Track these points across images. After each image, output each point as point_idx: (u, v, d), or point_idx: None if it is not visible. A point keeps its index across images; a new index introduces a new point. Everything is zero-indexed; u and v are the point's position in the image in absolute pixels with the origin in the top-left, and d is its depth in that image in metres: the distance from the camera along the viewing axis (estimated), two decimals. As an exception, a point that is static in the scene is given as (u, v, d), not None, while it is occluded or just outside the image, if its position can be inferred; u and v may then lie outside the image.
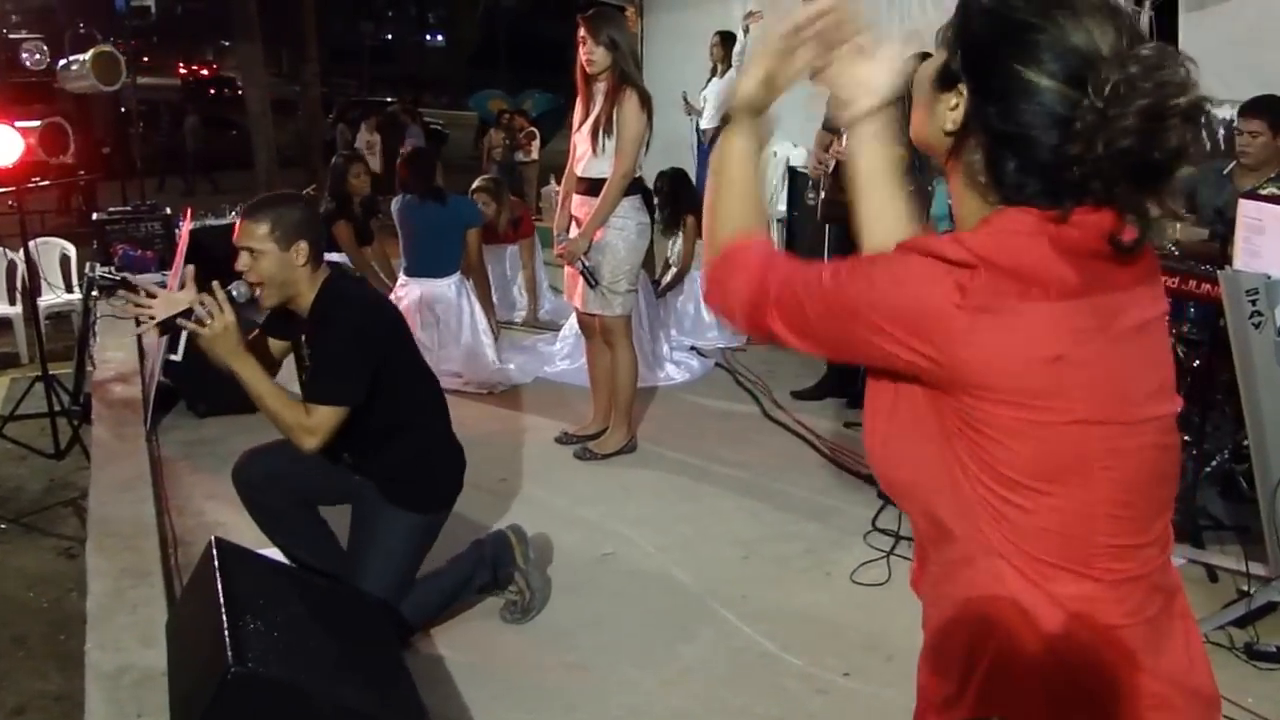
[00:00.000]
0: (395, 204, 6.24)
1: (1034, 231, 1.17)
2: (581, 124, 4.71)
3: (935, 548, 1.31)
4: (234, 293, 3.05)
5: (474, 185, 7.26)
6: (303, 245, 3.07)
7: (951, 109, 1.24)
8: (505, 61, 33.71)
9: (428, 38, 37.87)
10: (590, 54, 4.57)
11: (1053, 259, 1.16)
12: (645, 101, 4.56)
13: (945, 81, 1.25)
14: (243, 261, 3.10)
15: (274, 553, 3.68)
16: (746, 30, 8.31)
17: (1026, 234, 1.17)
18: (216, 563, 2.82)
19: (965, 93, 1.22)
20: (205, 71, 37.73)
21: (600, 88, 4.60)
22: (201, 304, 2.98)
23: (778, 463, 4.94)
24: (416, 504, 3.29)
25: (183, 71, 34.69)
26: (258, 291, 3.12)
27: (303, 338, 3.25)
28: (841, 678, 3.24)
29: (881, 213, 1.44)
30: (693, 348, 6.54)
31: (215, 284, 2.99)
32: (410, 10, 38.99)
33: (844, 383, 5.74)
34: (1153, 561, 1.26)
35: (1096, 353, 1.17)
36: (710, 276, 1.42)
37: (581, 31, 4.58)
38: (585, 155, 4.69)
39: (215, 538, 3.00)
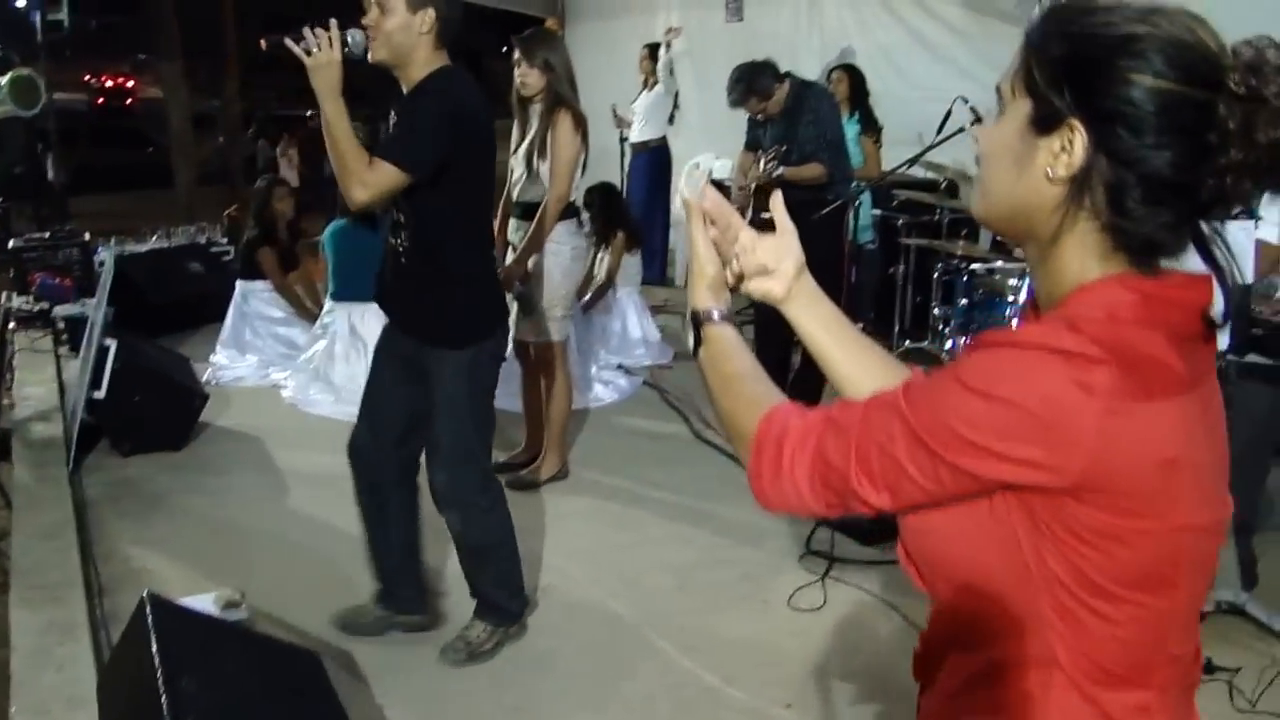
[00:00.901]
0: (326, 231, 6.19)
1: (1144, 320, 1.07)
2: (517, 147, 4.70)
3: (961, 651, 1.22)
4: (350, 39, 2.99)
5: None
6: (430, 13, 3.04)
7: (1059, 152, 1.11)
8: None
9: (345, 49, 37.41)
10: (524, 76, 4.56)
11: (1167, 350, 1.06)
12: (580, 124, 4.54)
13: (1045, 124, 1.11)
14: (370, 15, 3.04)
15: (207, 602, 3.63)
16: (668, 46, 8.36)
17: (1138, 322, 1.07)
18: (150, 620, 2.77)
19: (1079, 127, 1.09)
20: (110, 83, 36.97)
21: (536, 110, 4.59)
22: (314, 33, 2.94)
23: (709, 485, 4.96)
24: (456, 339, 3.27)
25: (93, 84, 33.90)
26: (372, 45, 3.05)
27: (393, 112, 3.22)
28: (784, 710, 3.27)
29: (863, 360, 1.39)
30: (620, 366, 6.55)
31: (334, 20, 2.95)
32: (327, 19, 38.51)
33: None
34: (1196, 666, 1.23)
35: (1200, 452, 1.10)
36: (755, 474, 1.21)
37: (516, 54, 4.57)
38: (521, 179, 4.68)
39: (148, 593, 2.95)
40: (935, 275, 5.21)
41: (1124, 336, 1.05)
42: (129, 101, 35.76)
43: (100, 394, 4.78)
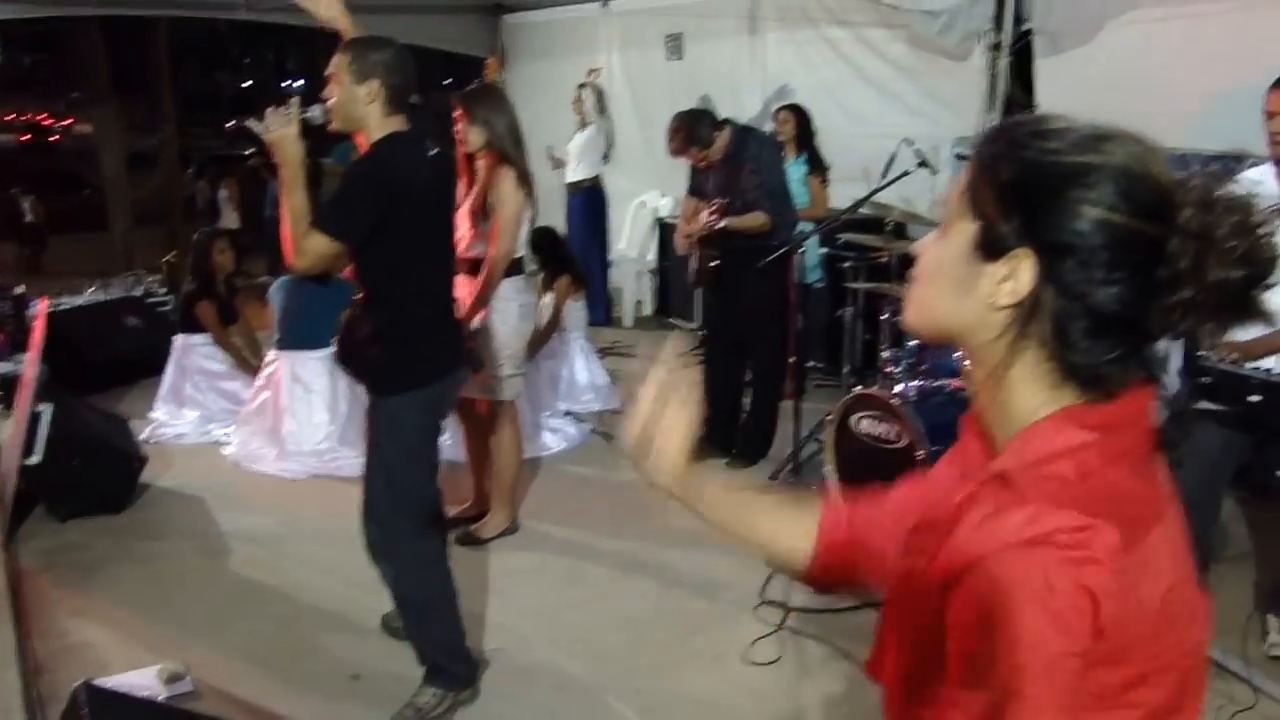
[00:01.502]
0: (275, 284, 6.11)
1: (1110, 457, 1.05)
2: (462, 202, 4.65)
3: None
4: (310, 113, 3.27)
5: None
6: (374, 84, 3.23)
7: (1004, 280, 1.08)
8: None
9: (285, 84, 37.27)
10: (465, 134, 4.52)
11: (1136, 482, 1.06)
12: (524, 180, 4.50)
13: (991, 250, 1.09)
14: (329, 90, 3.30)
15: (149, 676, 3.54)
16: (591, 87, 8.43)
17: (1106, 463, 1.04)
18: (86, 712, 2.67)
19: (1027, 256, 1.06)
20: (45, 121, 36.59)
21: (481, 165, 4.55)
22: (274, 111, 3.18)
23: (661, 535, 4.87)
24: (383, 386, 3.40)
25: (17, 122, 33.56)
26: (330, 116, 3.31)
27: None
28: (740, 774, 3.22)
29: (782, 523, 1.45)
30: (568, 413, 6.49)
31: (295, 98, 3.22)
32: (268, 56, 38.38)
33: (721, 445, 5.76)
34: None
35: (1183, 567, 1.08)
36: None
37: (457, 110, 4.53)
38: (466, 236, 4.63)
39: (84, 684, 2.85)
40: (884, 317, 5.20)
41: (1101, 488, 1.02)
42: (54, 139, 35.38)
43: (34, 460, 4.65)
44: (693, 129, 5.40)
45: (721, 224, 5.29)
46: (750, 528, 1.47)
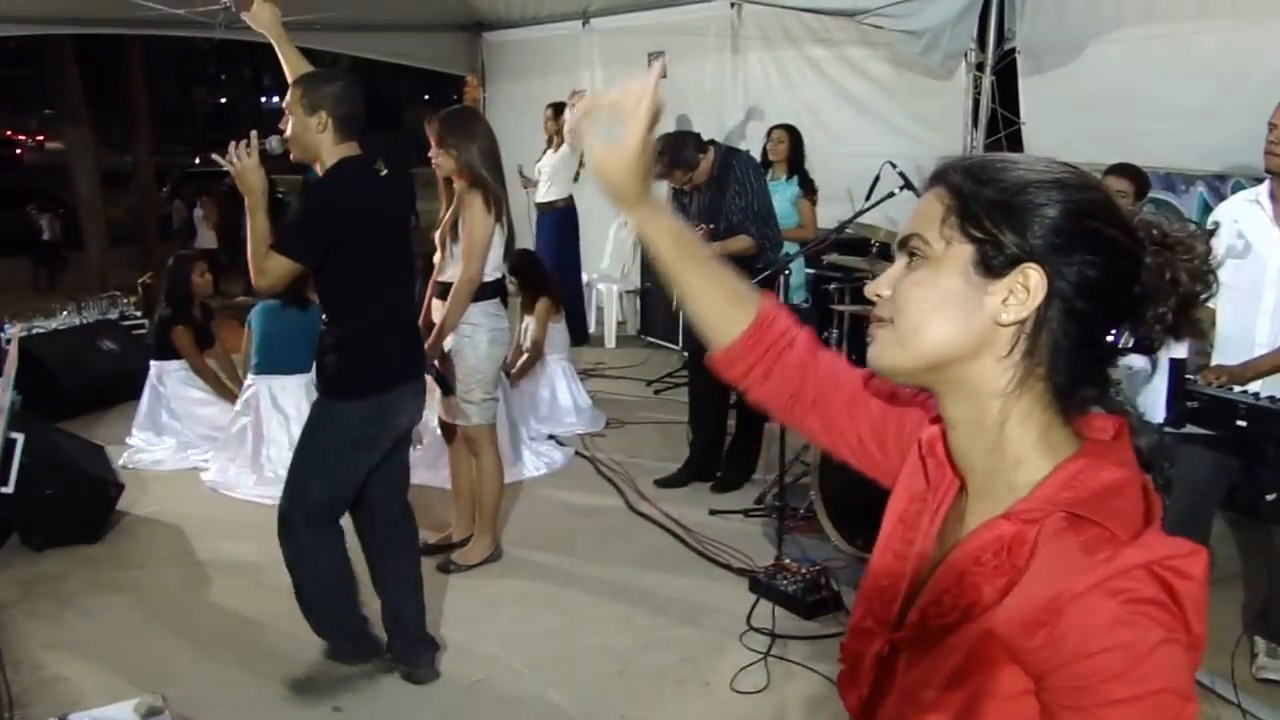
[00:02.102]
0: (254, 309, 6.05)
1: (1144, 491, 1.10)
2: (440, 224, 4.62)
3: None
4: (268, 144, 3.46)
5: None
6: (323, 115, 3.45)
7: (1009, 295, 1.09)
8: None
9: (264, 100, 37.14)
10: (436, 157, 4.48)
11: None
12: (493, 204, 4.45)
13: (996, 266, 1.10)
14: (285, 122, 3.51)
15: (126, 710, 3.46)
16: (573, 107, 8.32)
17: (1145, 496, 1.10)
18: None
19: (1035, 268, 1.08)
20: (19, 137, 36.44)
21: (456, 188, 4.51)
22: (237, 146, 3.40)
23: (646, 560, 4.87)
24: (329, 389, 3.64)
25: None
26: (289, 146, 3.53)
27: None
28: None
29: (724, 283, 1.43)
30: (551, 436, 6.43)
31: (254, 132, 3.43)
32: (244, 72, 38.27)
33: (707, 468, 5.73)
34: None
35: None
36: None
37: (430, 133, 4.50)
38: (439, 258, 4.60)
39: (61, 719, 2.79)
40: (869, 341, 5.16)
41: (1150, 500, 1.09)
42: (18, 152, 35.20)
43: (7, 489, 4.56)
44: (677, 152, 5.34)
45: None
46: (692, 269, 1.42)
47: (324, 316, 3.66)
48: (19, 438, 4.66)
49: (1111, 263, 1.09)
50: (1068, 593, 1.00)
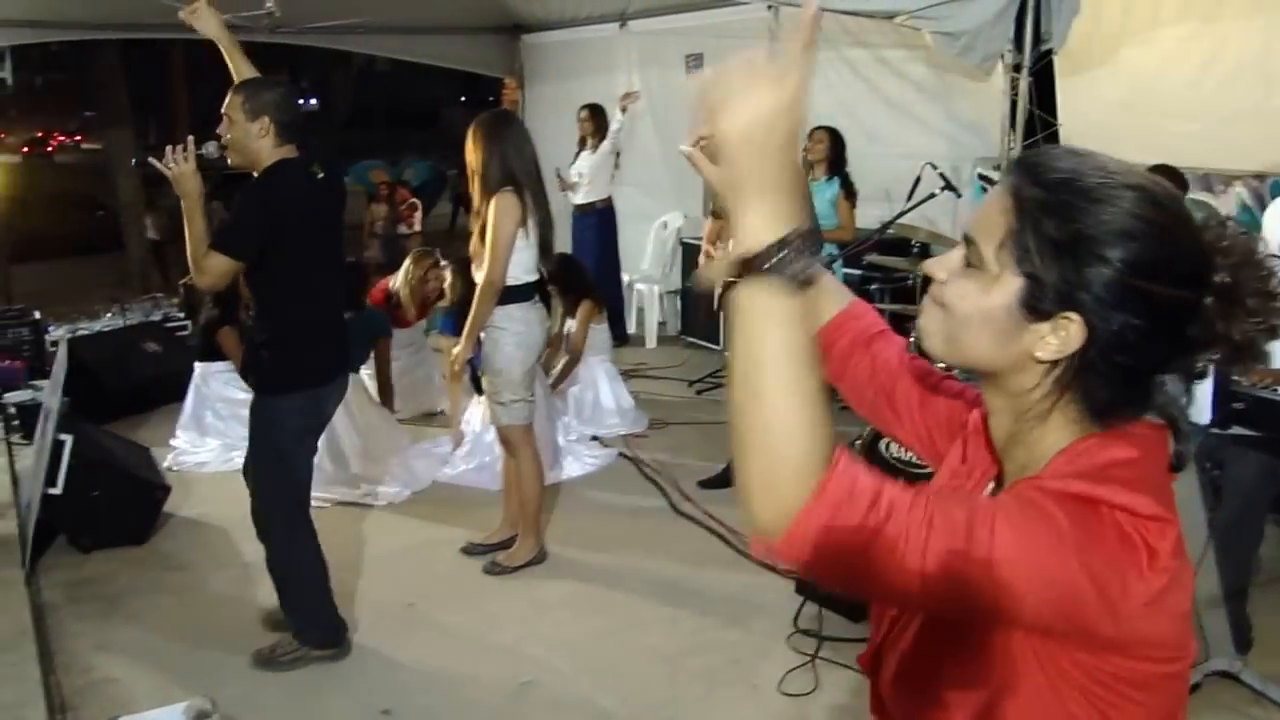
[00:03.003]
0: None
1: (1152, 474, 1.11)
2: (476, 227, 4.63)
3: None
4: (205, 150, 3.63)
5: (423, 263, 7.23)
6: (265, 121, 3.59)
7: (1048, 336, 1.11)
8: (380, 126, 33.39)
9: (300, 102, 37.44)
10: (471, 159, 4.51)
11: (1172, 502, 1.10)
12: (518, 205, 4.42)
13: (1040, 311, 1.10)
14: (224, 125, 3.63)
15: (176, 714, 3.49)
16: (624, 110, 8.30)
17: (1159, 476, 1.12)
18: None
19: (1078, 321, 1.08)
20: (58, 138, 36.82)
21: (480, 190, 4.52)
22: (173, 151, 3.52)
23: (691, 561, 4.86)
24: (268, 386, 3.81)
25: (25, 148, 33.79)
26: (227, 152, 3.67)
27: None
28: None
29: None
30: (594, 437, 6.43)
31: (190, 138, 3.58)
32: (282, 73, 38.59)
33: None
34: None
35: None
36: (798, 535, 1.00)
37: (469, 137, 4.52)
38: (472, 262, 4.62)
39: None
40: (911, 340, 5.14)
41: (1166, 494, 1.09)
42: (49, 149, 35.59)
43: (56, 490, 4.61)
44: None
45: None
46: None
47: (251, 313, 3.85)
48: (67, 440, 4.71)
49: (1159, 321, 1.09)
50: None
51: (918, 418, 1.48)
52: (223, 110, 3.64)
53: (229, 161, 3.69)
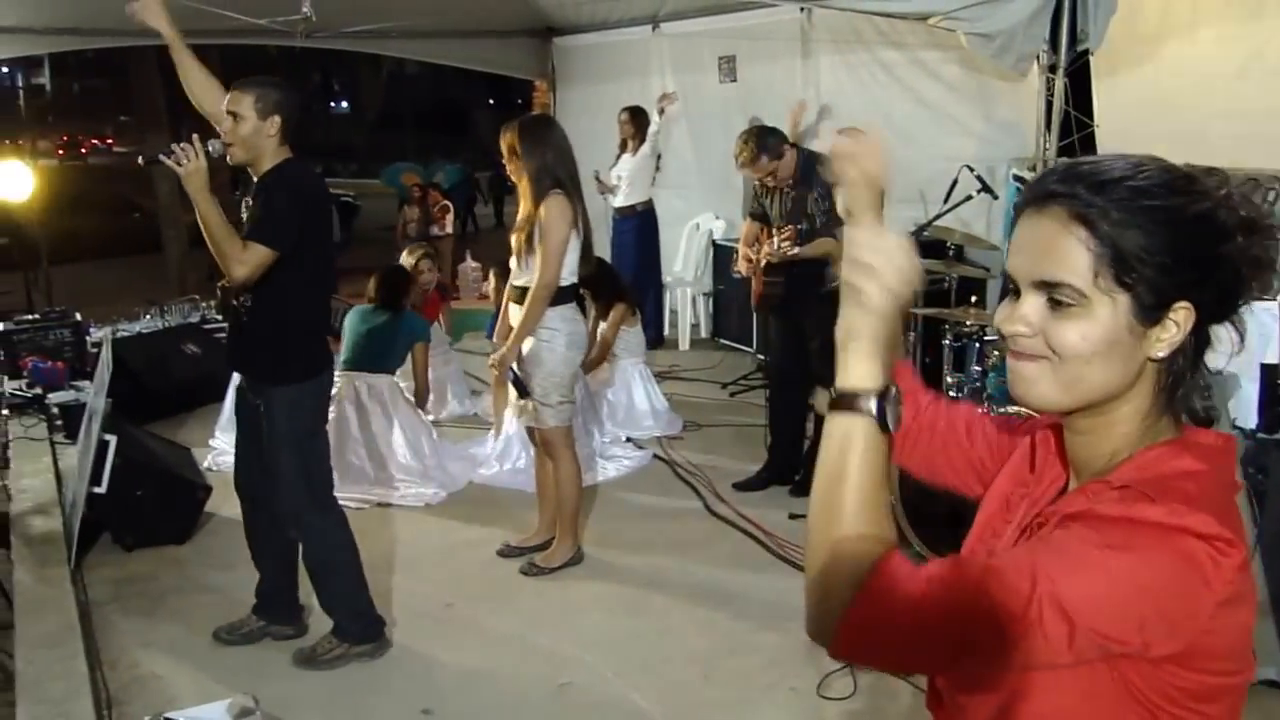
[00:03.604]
0: (350, 312, 6.15)
1: (1225, 484, 1.14)
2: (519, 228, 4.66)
3: None
4: (210, 147, 3.61)
5: (415, 253, 7.41)
6: (276, 120, 3.67)
7: (1161, 334, 1.13)
8: (410, 128, 33.57)
9: (332, 105, 37.62)
10: (510, 164, 4.56)
11: (1238, 516, 1.11)
12: (570, 208, 4.48)
13: (1154, 314, 1.12)
14: (226, 125, 3.66)
15: (219, 711, 3.54)
16: (661, 112, 8.30)
17: (1223, 488, 1.13)
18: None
19: (1187, 306, 1.12)
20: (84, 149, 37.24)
21: (529, 195, 4.54)
22: (181, 148, 3.50)
23: (727, 563, 4.88)
24: (284, 376, 3.84)
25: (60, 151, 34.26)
26: (229, 150, 3.67)
27: (249, 199, 3.79)
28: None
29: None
30: (628, 439, 6.45)
31: (195, 135, 3.55)
32: (314, 78, 38.82)
33: (786, 471, 5.72)
34: None
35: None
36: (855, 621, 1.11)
37: (505, 140, 4.55)
38: (515, 264, 4.64)
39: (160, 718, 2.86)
40: (946, 342, 5.14)
41: (1220, 511, 1.07)
42: (83, 151, 36.01)
43: (100, 489, 4.67)
44: (763, 138, 5.41)
45: (794, 251, 5.26)
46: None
47: (247, 305, 3.78)
48: (112, 440, 4.77)
49: (1237, 278, 1.13)
50: (1086, 509, 1.11)
51: (966, 444, 1.51)
52: (226, 108, 3.68)
53: (229, 159, 3.70)
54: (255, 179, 3.77)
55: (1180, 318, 1.12)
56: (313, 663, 4.00)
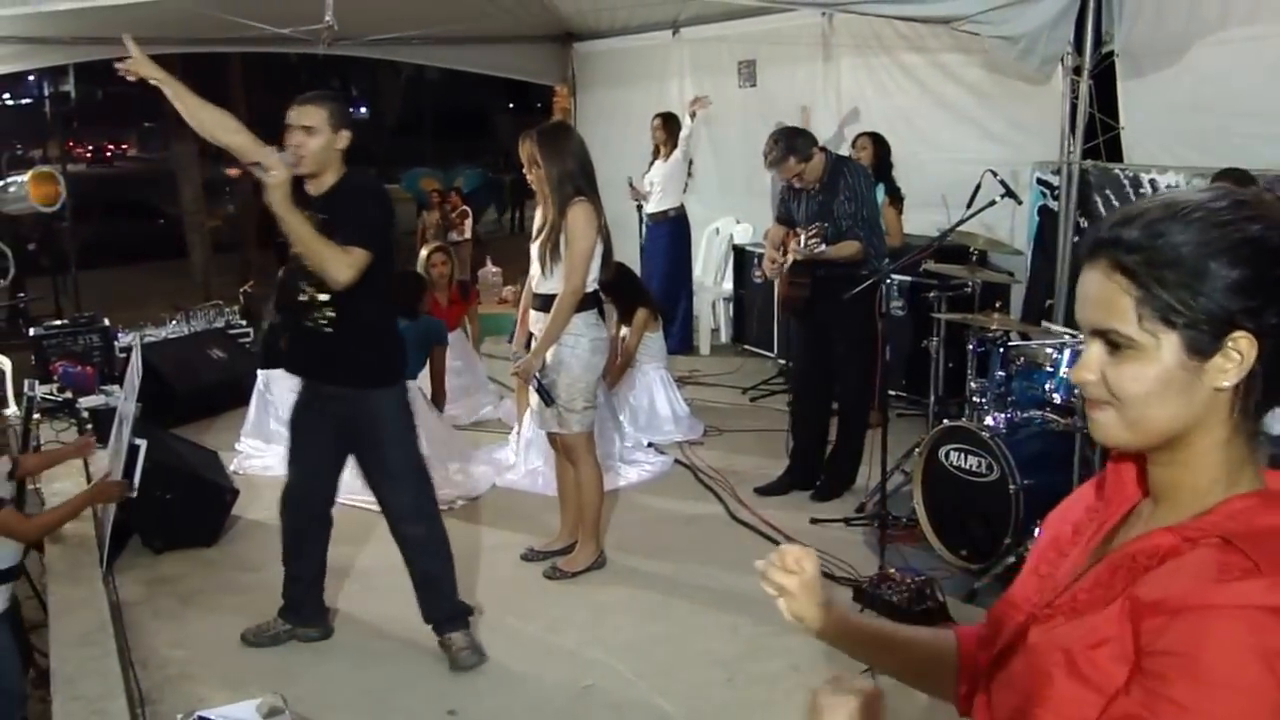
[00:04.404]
0: None
1: None
2: (537, 234, 4.68)
3: None
4: (285, 158, 3.66)
5: (429, 246, 7.67)
6: (345, 133, 3.79)
7: (1225, 365, 1.13)
8: (430, 133, 33.63)
9: (351, 110, 37.85)
10: (530, 173, 4.60)
11: None
12: (595, 214, 4.53)
13: (1209, 348, 1.13)
14: (296, 137, 3.72)
15: (249, 710, 3.57)
16: (693, 115, 8.31)
17: None
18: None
19: (1246, 335, 1.11)
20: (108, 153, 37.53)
21: (551, 203, 4.58)
22: (277, 154, 3.60)
23: (749, 568, 4.79)
24: (389, 378, 4.00)
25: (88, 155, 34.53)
26: (300, 161, 3.71)
27: (309, 212, 3.72)
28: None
29: (921, 633, 1.55)
30: (650, 444, 6.48)
31: (274, 147, 3.65)
32: (334, 83, 39.04)
33: (807, 475, 5.74)
34: None
35: None
36: None
37: (524, 148, 4.59)
38: (537, 271, 4.67)
39: (193, 716, 2.90)
40: (969, 347, 5.15)
41: None
42: (106, 156, 36.25)
43: (132, 493, 4.73)
44: (793, 139, 5.44)
45: (821, 248, 5.28)
46: (882, 657, 1.60)
47: (328, 313, 3.81)
48: (142, 444, 4.83)
49: None
50: (1191, 598, 1.07)
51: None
52: (295, 122, 3.73)
53: (300, 171, 3.73)
54: (312, 190, 3.81)
55: (1242, 346, 1.11)
56: (459, 660, 4.06)
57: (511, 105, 35.06)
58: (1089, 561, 1.27)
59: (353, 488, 5.76)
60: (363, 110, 37.07)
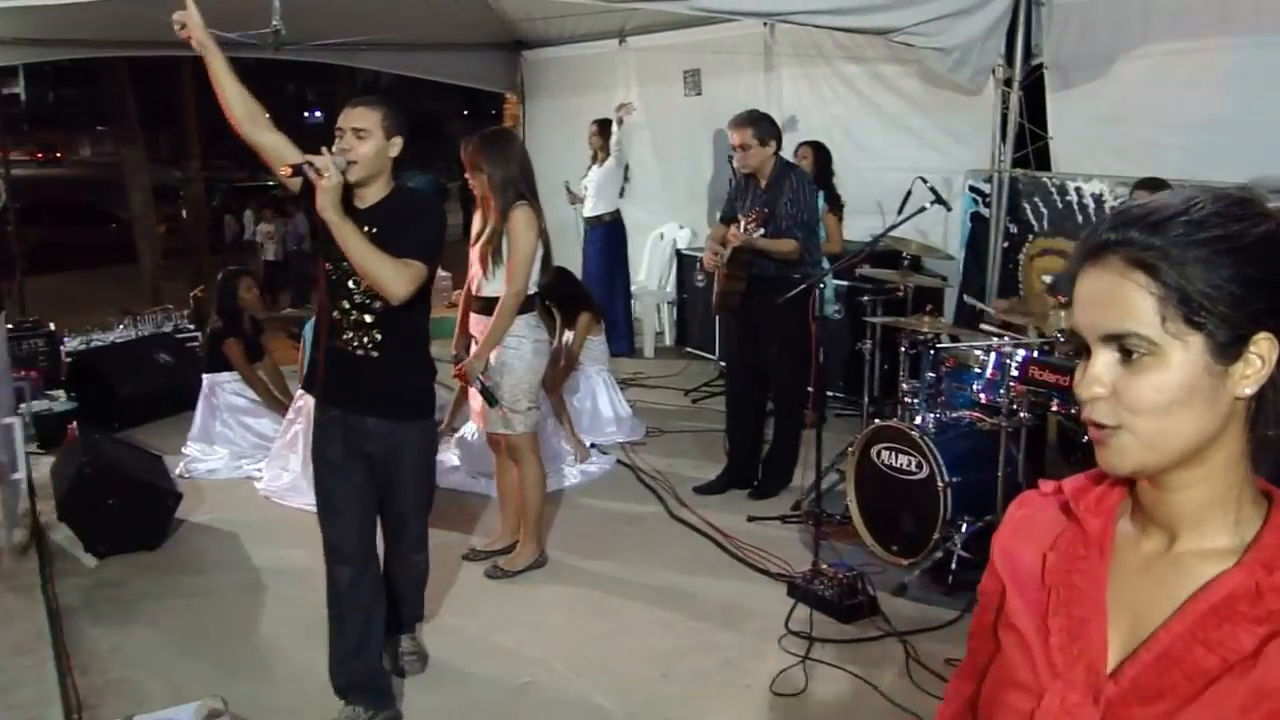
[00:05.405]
0: (309, 324, 6.21)
1: None
2: (478, 238, 4.76)
3: None
4: (338, 164, 3.37)
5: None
6: (398, 140, 3.54)
7: (1244, 369, 1.06)
8: (384, 138, 33.38)
9: (306, 115, 37.64)
10: (473, 178, 4.69)
11: None
12: (536, 218, 4.61)
13: (1234, 351, 1.05)
14: (347, 140, 3.46)
15: (188, 713, 3.63)
16: (620, 121, 8.42)
17: None
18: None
19: (1268, 336, 1.05)
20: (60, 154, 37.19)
21: (493, 207, 4.66)
22: (328, 156, 3.32)
23: (687, 566, 4.99)
24: (425, 409, 3.83)
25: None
26: (350, 167, 3.42)
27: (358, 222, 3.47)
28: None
29: None
30: (593, 445, 6.56)
31: (324, 148, 3.38)
32: (288, 89, 38.78)
33: (745, 475, 5.85)
34: None
35: None
36: None
37: (466, 155, 4.67)
38: (478, 274, 4.75)
39: None
40: (902, 350, 5.29)
41: None
42: (58, 155, 35.91)
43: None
44: (760, 118, 5.57)
45: (759, 233, 5.37)
46: None
47: (365, 343, 3.56)
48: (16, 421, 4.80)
49: None
50: None
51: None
52: (346, 125, 3.47)
53: (349, 177, 3.39)
54: (358, 202, 3.50)
55: (1263, 350, 1.05)
56: (400, 669, 4.09)
57: (466, 112, 35.01)
58: (1132, 614, 1.15)
59: (300, 488, 5.85)
60: (318, 115, 36.87)
